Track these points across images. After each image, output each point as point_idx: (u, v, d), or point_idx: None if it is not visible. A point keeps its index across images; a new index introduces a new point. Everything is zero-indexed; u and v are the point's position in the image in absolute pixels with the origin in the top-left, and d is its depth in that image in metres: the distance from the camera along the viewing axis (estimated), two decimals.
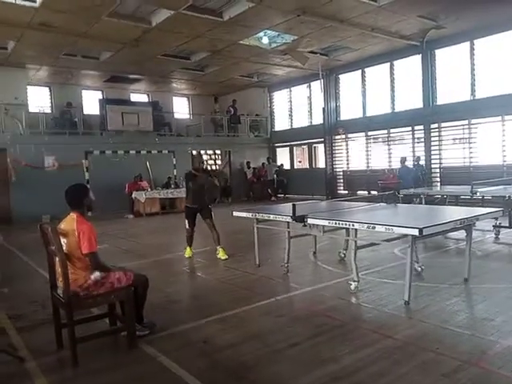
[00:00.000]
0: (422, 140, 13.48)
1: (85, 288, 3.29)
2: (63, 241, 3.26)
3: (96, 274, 3.33)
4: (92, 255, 3.30)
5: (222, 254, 6.52)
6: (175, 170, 16.03)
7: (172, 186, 14.86)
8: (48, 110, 15.70)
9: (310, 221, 4.74)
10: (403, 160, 11.74)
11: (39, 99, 15.96)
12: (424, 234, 3.71)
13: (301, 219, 4.78)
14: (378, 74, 14.80)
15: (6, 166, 12.71)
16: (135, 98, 18.19)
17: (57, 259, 3.26)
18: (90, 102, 16.85)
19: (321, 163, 17.22)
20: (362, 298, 4.39)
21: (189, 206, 6.64)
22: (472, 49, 12.12)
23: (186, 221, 6.65)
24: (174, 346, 3.41)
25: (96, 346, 3.38)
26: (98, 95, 17.09)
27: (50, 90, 16.36)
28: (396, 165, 13.95)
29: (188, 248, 6.81)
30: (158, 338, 3.55)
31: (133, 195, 13.58)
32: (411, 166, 11.87)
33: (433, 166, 13.25)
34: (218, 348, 3.35)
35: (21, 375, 3.07)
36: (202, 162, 7.00)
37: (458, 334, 3.36)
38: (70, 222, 3.36)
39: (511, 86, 11.30)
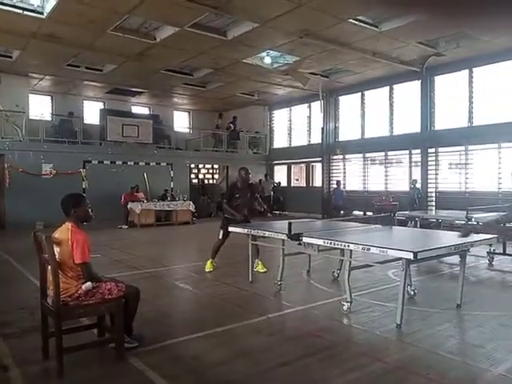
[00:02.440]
0: (419, 164, 13.59)
1: (75, 298, 3.26)
2: (56, 249, 3.25)
3: (87, 284, 3.30)
4: (84, 265, 3.28)
5: (260, 267, 6.52)
6: (172, 183, 16.05)
7: (168, 199, 14.84)
8: (49, 119, 15.75)
9: (305, 239, 4.74)
10: (338, 183, 14.96)
11: (41, 108, 16.05)
12: (418, 257, 3.71)
13: (296, 237, 4.78)
14: (377, 97, 15.00)
15: (2, 171, 12.71)
16: (136, 110, 18.34)
17: (49, 267, 3.24)
18: (91, 112, 16.97)
19: (318, 182, 17.29)
20: (354, 319, 4.36)
21: (230, 217, 6.47)
22: (471, 76, 12.32)
23: (221, 231, 6.53)
24: (163, 360, 3.37)
25: (83, 356, 3.33)
26: (100, 106, 17.21)
27: (52, 99, 16.48)
28: (393, 187, 14.10)
29: (210, 261, 6.67)
30: (147, 352, 3.49)
31: (128, 206, 13.55)
32: (343, 189, 15.01)
33: (429, 189, 13.32)
34: (207, 365, 3.31)
35: None
36: (249, 173, 6.77)
37: (448, 360, 3.34)
38: (65, 231, 3.35)
39: (508, 115, 11.47)
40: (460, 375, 3.12)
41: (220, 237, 6.58)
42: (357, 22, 9.51)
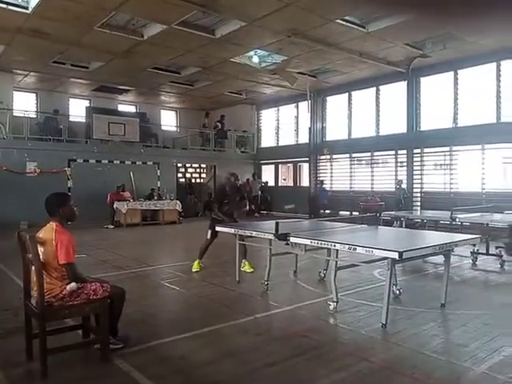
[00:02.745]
0: (405, 164, 13.73)
1: (60, 298, 3.22)
2: (40, 249, 3.19)
3: (72, 285, 3.25)
4: (69, 266, 3.24)
5: (247, 267, 6.51)
6: (159, 182, 15.94)
7: (155, 198, 14.73)
8: (33, 116, 15.49)
9: (292, 239, 4.75)
10: (321, 183, 15.78)
11: (25, 105, 15.78)
12: (404, 257, 3.75)
13: (283, 237, 4.79)
14: (364, 97, 15.11)
15: None
16: (123, 108, 18.16)
17: (32, 268, 3.19)
18: (77, 110, 16.75)
19: (305, 182, 17.36)
20: (340, 318, 4.39)
21: (218, 218, 6.46)
22: (456, 78, 12.50)
23: (209, 231, 6.53)
24: (149, 361, 3.34)
25: (67, 357, 3.29)
26: (86, 103, 16.99)
27: (37, 96, 16.22)
28: (379, 187, 14.22)
29: (197, 261, 6.66)
30: (132, 353, 3.46)
31: (114, 205, 13.41)
32: (327, 189, 15.66)
33: (414, 190, 13.47)
34: (194, 365, 3.29)
35: None
36: (238, 179, 6.86)
37: (433, 359, 3.38)
38: (49, 231, 3.30)
39: (491, 117, 11.67)
40: (445, 374, 3.16)
41: (208, 237, 6.58)
42: (344, 23, 9.56)
